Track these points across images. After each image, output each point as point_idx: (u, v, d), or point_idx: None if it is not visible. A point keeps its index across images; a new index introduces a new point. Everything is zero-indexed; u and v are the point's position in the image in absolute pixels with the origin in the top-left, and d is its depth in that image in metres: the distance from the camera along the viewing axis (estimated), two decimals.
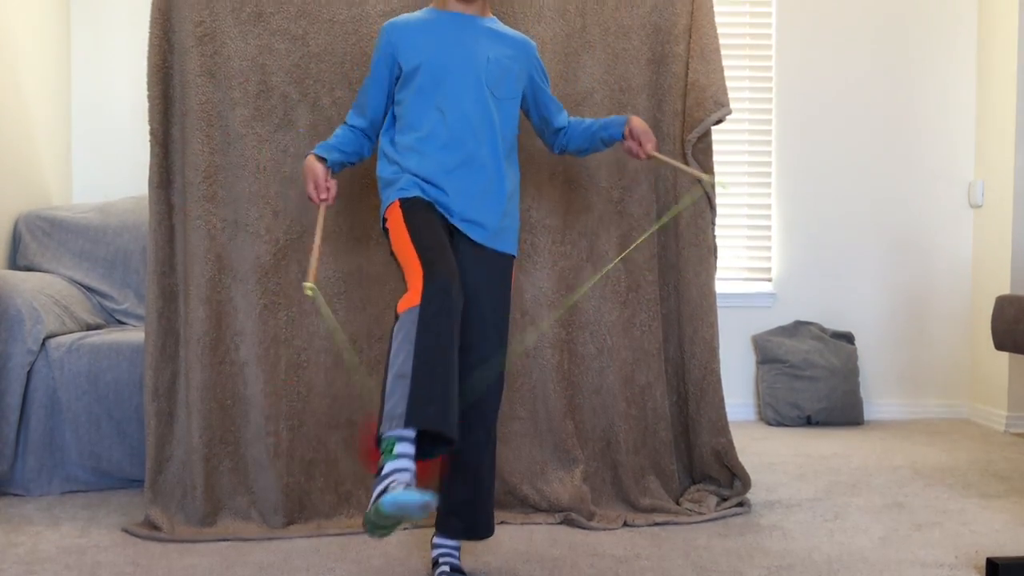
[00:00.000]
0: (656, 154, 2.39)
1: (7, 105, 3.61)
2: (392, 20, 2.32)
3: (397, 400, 1.88)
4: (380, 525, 1.82)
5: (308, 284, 2.03)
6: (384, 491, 1.81)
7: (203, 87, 2.68)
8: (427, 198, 2.19)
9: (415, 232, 2.09)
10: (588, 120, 2.46)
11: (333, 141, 2.35)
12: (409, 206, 2.17)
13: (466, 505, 2.22)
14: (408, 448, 1.88)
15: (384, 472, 1.86)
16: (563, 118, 2.46)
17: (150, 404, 2.70)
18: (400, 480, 1.83)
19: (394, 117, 2.32)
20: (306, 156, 2.37)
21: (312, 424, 2.71)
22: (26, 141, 3.76)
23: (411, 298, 1.96)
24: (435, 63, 2.23)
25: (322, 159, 2.29)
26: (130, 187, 4.16)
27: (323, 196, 2.27)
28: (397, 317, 1.98)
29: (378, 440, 1.91)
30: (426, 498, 1.75)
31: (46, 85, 3.95)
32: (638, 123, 2.39)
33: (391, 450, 1.87)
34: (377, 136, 2.39)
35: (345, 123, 2.38)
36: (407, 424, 1.85)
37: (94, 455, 3.06)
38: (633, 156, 2.40)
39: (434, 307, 1.94)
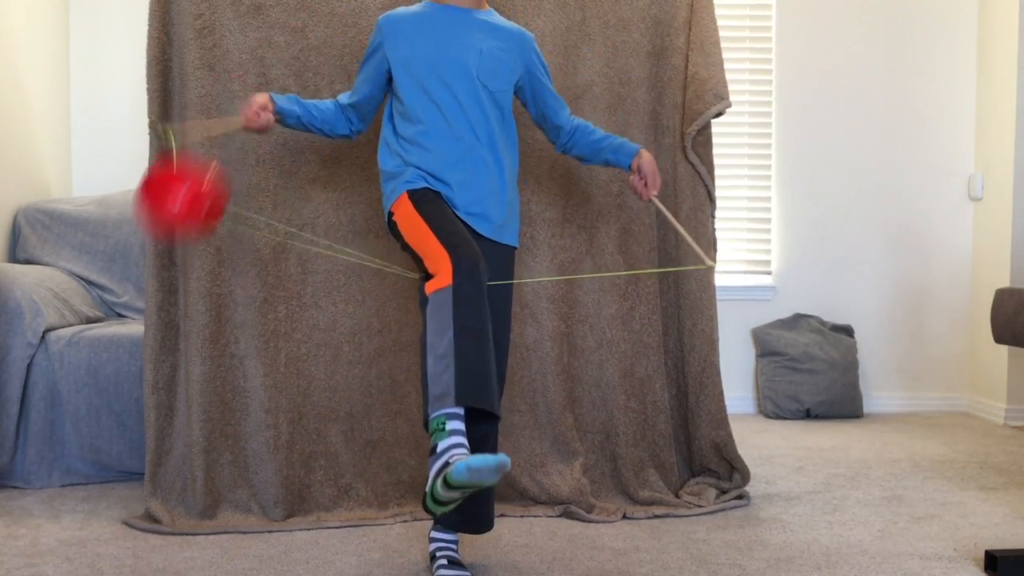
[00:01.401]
0: (659, 204, 2.38)
1: (7, 98, 3.61)
2: (388, 13, 2.32)
3: (445, 381, 1.90)
4: (445, 501, 1.84)
5: (160, 123, 2.07)
6: (446, 465, 1.82)
7: (202, 80, 2.67)
8: (434, 189, 2.21)
9: (432, 220, 2.09)
10: (599, 133, 2.43)
11: (306, 101, 2.39)
12: (419, 197, 2.17)
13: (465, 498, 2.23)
14: (459, 424, 1.90)
15: (440, 450, 1.87)
16: (564, 116, 2.43)
17: (150, 397, 2.70)
18: (459, 454, 1.84)
19: (393, 108, 2.33)
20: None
21: (312, 417, 2.72)
22: (26, 134, 3.76)
23: (441, 280, 1.96)
24: (428, 58, 2.24)
25: (272, 99, 2.34)
26: (130, 180, 4.16)
27: (248, 118, 2.29)
28: (426, 300, 1.98)
29: (426, 421, 1.94)
30: (500, 459, 1.76)
31: (45, 78, 3.94)
32: (647, 161, 2.36)
33: (443, 427, 1.89)
34: (364, 119, 2.42)
35: (337, 98, 2.42)
36: (457, 402, 1.87)
37: (94, 448, 3.07)
38: (635, 194, 2.40)
39: (467, 286, 1.95)
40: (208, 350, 2.65)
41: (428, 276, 2.08)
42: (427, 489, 1.87)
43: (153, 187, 2.06)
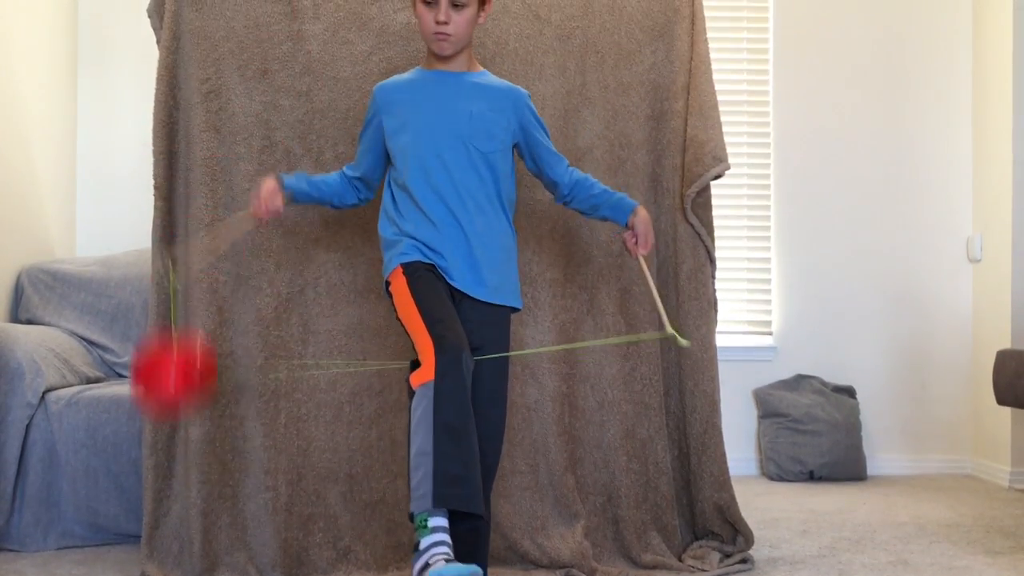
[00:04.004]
0: (644, 265, 2.37)
1: (13, 159, 3.65)
2: (381, 83, 2.38)
3: (422, 478, 1.93)
4: None
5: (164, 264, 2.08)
6: (426, 567, 1.87)
7: (208, 142, 2.71)
8: (427, 261, 2.22)
9: (422, 302, 2.12)
10: (598, 188, 2.43)
11: (313, 176, 2.41)
12: (412, 272, 2.19)
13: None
14: (442, 521, 1.93)
15: (422, 547, 1.91)
16: (561, 170, 2.42)
17: (148, 458, 2.69)
18: (439, 554, 1.87)
19: (390, 175, 2.36)
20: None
21: (311, 478, 2.69)
22: (31, 194, 3.79)
23: (424, 373, 2.00)
24: (417, 124, 2.28)
25: (280, 181, 2.34)
26: (133, 240, 4.18)
27: (258, 210, 2.30)
28: (412, 392, 2.01)
29: (411, 516, 1.96)
30: (471, 569, 1.81)
31: (52, 139, 4.00)
32: (642, 219, 2.38)
33: (425, 524, 1.92)
34: (371, 188, 2.45)
35: (342, 170, 2.44)
36: (435, 505, 1.91)
37: (91, 510, 3.04)
38: (626, 250, 2.42)
39: (448, 381, 1.98)
40: (208, 410, 2.64)
41: (417, 361, 2.11)
42: None
43: (145, 373, 2.12)
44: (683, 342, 2.28)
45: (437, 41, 2.27)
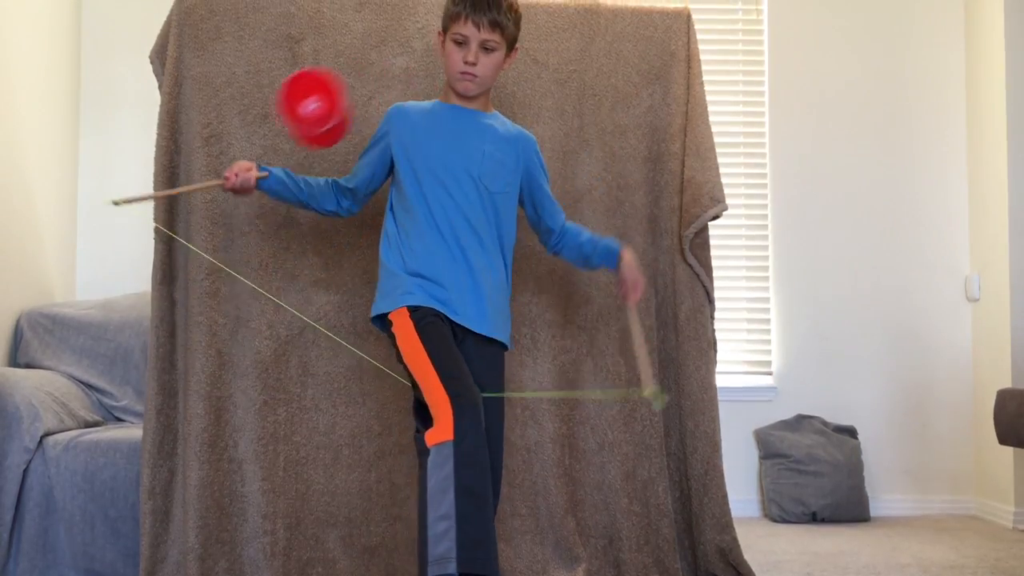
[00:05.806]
0: (633, 318, 2.34)
1: (14, 202, 3.67)
2: (399, 104, 2.39)
3: (446, 544, 1.91)
4: None
5: (119, 199, 2.15)
6: None
7: None
8: (433, 301, 2.21)
9: (435, 355, 2.10)
10: (584, 235, 2.44)
11: (299, 176, 2.38)
12: (420, 318, 2.17)
13: None
14: None
15: None
16: (558, 221, 2.45)
17: (146, 503, 2.67)
18: None
19: (394, 198, 2.37)
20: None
21: (310, 522, 2.67)
22: (31, 238, 3.80)
23: (441, 432, 1.97)
24: (431, 155, 2.29)
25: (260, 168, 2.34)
26: (134, 284, 4.18)
27: (229, 178, 2.29)
28: (426, 450, 1.99)
29: None
30: None
31: (53, 182, 4.01)
32: (628, 264, 2.35)
33: None
34: (357, 201, 2.43)
35: (334, 179, 2.43)
36: (459, 568, 1.89)
37: (87, 555, 3.01)
38: (620, 296, 2.40)
39: (469, 442, 1.96)
40: (207, 454, 2.63)
41: (420, 398, 2.10)
42: None
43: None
44: (657, 405, 2.26)
45: (462, 80, 2.29)
